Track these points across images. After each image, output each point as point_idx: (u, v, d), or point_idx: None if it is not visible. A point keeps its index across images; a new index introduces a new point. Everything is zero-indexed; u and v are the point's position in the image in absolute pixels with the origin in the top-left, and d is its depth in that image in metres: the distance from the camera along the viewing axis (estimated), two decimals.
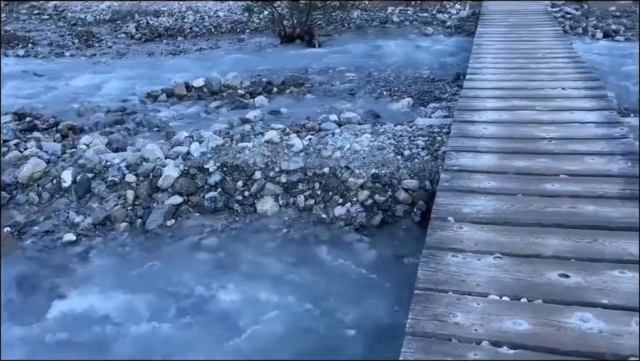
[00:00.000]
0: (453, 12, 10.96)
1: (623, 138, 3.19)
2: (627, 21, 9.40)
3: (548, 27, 7.00)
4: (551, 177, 2.81)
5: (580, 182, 2.73)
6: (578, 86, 4.25)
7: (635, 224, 2.31)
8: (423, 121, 4.66)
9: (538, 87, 4.33)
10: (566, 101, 3.94)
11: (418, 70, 7.65)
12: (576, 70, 4.73)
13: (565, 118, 3.61)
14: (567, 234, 2.29)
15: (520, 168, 2.96)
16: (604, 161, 2.93)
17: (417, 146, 3.94)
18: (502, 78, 4.71)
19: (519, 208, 2.55)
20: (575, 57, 5.27)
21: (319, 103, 6.30)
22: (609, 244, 2.19)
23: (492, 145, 3.29)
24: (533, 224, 2.41)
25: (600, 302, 1.87)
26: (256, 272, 3.02)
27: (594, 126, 3.42)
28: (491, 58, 5.45)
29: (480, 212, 2.54)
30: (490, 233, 2.36)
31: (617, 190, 2.61)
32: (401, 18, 10.92)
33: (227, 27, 11.23)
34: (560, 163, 2.96)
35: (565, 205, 2.53)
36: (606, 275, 2.00)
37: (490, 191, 2.73)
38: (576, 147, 3.14)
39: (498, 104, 4.02)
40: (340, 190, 3.69)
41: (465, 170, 2.98)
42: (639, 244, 2.15)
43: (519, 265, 2.12)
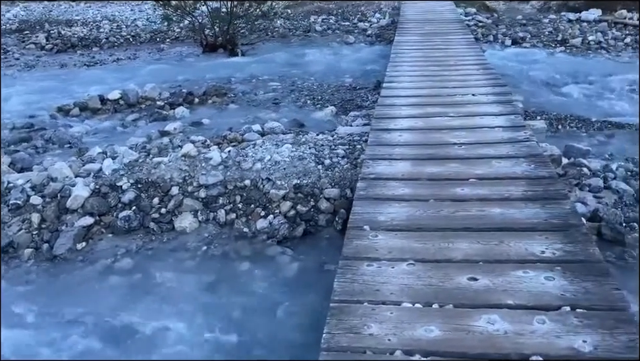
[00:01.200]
0: (374, 20, 11.23)
1: (527, 141, 3.37)
2: (533, 29, 10.04)
3: (461, 36, 7.32)
4: (461, 182, 2.91)
5: (488, 185, 2.84)
6: (487, 92, 4.46)
7: (537, 224, 2.43)
8: (344, 130, 4.71)
9: (451, 94, 4.50)
10: (476, 106, 4.12)
11: (341, 78, 7.76)
12: (485, 77, 4.97)
13: (475, 123, 3.76)
14: (475, 237, 2.37)
15: (432, 174, 3.04)
16: (510, 164, 3.07)
17: (337, 155, 3.96)
18: (417, 85, 4.85)
19: (431, 214, 2.61)
20: (485, 64, 5.54)
21: (242, 113, 6.22)
22: (514, 245, 2.29)
23: (406, 152, 3.36)
24: (444, 229, 2.47)
25: (505, 303, 1.94)
26: (172, 294, 2.89)
27: (501, 131, 3.59)
28: (407, 67, 5.62)
29: (395, 219, 2.58)
30: (404, 240, 2.40)
31: (521, 191, 2.74)
32: (324, 27, 11.04)
33: (146, 36, 10.87)
34: (470, 167, 3.07)
35: (474, 209, 2.62)
36: (511, 275, 2.08)
37: (404, 198, 2.79)
38: (484, 152, 3.27)
39: (413, 111, 4.13)
40: (262, 202, 3.63)
41: (380, 178, 3.02)
42: (542, 243, 2.27)
43: (430, 270, 2.16)
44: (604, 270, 2.07)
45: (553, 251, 2.20)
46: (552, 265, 2.11)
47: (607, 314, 1.82)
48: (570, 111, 6.11)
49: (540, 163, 3.04)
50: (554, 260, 2.15)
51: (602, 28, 9.71)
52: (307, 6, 12.88)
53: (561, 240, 2.27)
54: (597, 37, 9.11)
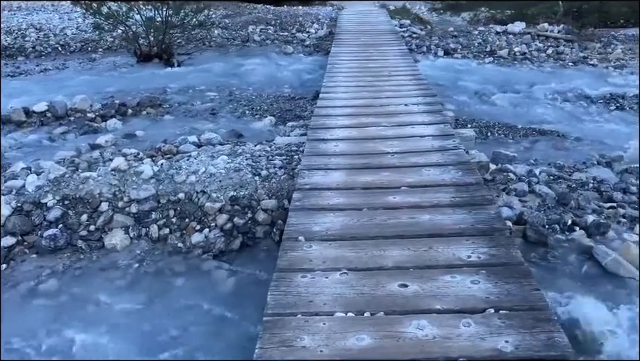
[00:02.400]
0: (312, 31, 11.35)
1: (456, 149, 3.50)
2: (464, 40, 10.48)
3: (396, 47, 7.53)
4: (393, 190, 2.98)
5: (418, 192, 2.92)
6: (419, 102, 4.60)
7: (464, 229, 2.52)
8: (282, 140, 4.71)
9: (385, 104, 4.60)
10: (408, 116, 4.24)
11: (280, 88, 7.77)
12: (417, 87, 5.13)
13: (407, 132, 3.87)
14: (406, 244, 2.43)
15: (366, 183, 3.09)
16: (439, 171, 3.17)
17: (274, 166, 3.95)
18: (353, 95, 4.94)
19: (364, 222, 2.65)
20: (417, 75, 5.72)
21: (178, 124, 6.09)
22: (442, 250, 2.36)
23: (342, 162, 3.40)
24: (376, 237, 2.51)
25: (434, 308, 1.99)
26: (101, 315, 2.76)
27: (431, 139, 3.71)
28: (343, 77, 5.71)
29: (330, 229, 2.60)
30: (338, 249, 2.42)
31: (449, 198, 2.83)
32: (262, 37, 11.03)
33: (76, 46, 10.44)
34: (402, 175, 3.15)
35: (405, 216, 2.68)
36: (440, 280, 2.14)
37: (339, 207, 2.82)
38: (415, 160, 3.37)
39: (348, 121, 4.19)
40: (197, 216, 3.55)
41: (316, 189, 3.04)
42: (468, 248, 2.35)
43: (363, 279, 2.19)
44: (525, 272, 2.17)
45: (479, 255, 2.29)
46: (478, 268, 2.20)
47: (527, 314, 1.91)
48: (498, 118, 6.41)
49: (467, 170, 3.16)
50: (479, 264, 2.23)
51: (527, 40, 10.29)
52: (245, 16, 12.84)
53: (486, 244, 2.37)
54: (522, 49, 9.64)
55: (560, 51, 9.57)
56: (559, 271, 3.09)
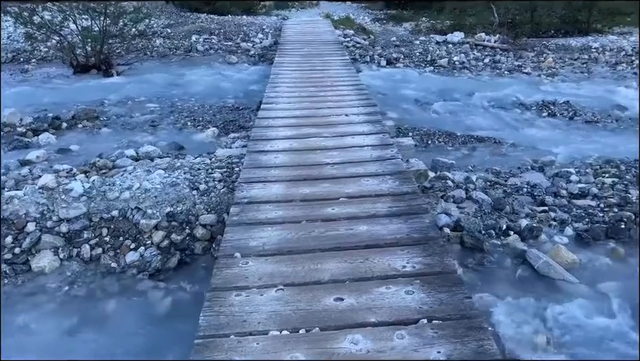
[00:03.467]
0: (257, 41, 11.30)
1: (394, 159, 3.54)
2: (405, 50, 10.73)
3: (338, 57, 7.60)
4: (332, 201, 2.97)
5: (356, 203, 2.93)
6: (359, 112, 4.64)
7: (400, 239, 2.54)
8: (223, 152, 4.63)
9: (326, 114, 4.62)
10: (349, 126, 4.26)
11: (223, 98, 7.67)
12: (358, 97, 5.18)
13: (347, 143, 3.88)
14: (343, 256, 2.42)
15: (306, 195, 3.07)
16: (377, 181, 3.20)
17: (214, 179, 3.87)
18: (295, 106, 4.92)
19: (302, 235, 2.63)
20: (359, 85, 5.78)
21: (116, 138, 5.88)
22: (378, 261, 2.37)
23: (281, 174, 3.37)
24: (314, 250, 2.49)
25: (369, 321, 1.99)
26: (24, 343, 2.59)
27: (371, 149, 3.74)
28: (286, 87, 5.69)
29: (267, 244, 2.55)
30: (275, 265, 2.38)
31: (386, 208, 2.85)
32: (205, 47, 10.87)
33: (7, 56, 9.92)
34: (341, 186, 3.16)
35: (343, 228, 2.68)
36: (374, 293, 2.14)
37: (277, 221, 2.78)
38: (355, 170, 3.38)
39: (289, 132, 4.17)
40: (132, 234, 3.42)
41: (254, 202, 2.99)
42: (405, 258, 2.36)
43: (299, 294, 2.16)
44: (457, 280, 2.21)
45: (413, 265, 2.31)
46: (412, 278, 2.21)
47: (458, 323, 1.93)
48: (439, 126, 6.57)
49: (404, 179, 3.20)
50: (414, 274, 2.25)
51: (465, 50, 10.66)
52: (189, 25, 12.63)
53: (421, 253, 2.40)
54: (461, 58, 9.97)
55: (496, 60, 9.95)
56: (494, 276, 3.17)
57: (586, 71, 9.24)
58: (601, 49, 10.78)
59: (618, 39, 11.70)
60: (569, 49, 10.88)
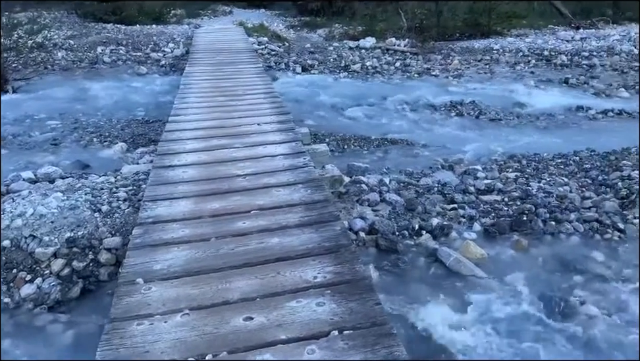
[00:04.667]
0: (168, 50, 10.93)
1: (306, 167, 3.51)
2: (320, 56, 10.83)
3: (251, 65, 7.50)
4: (243, 215, 2.88)
5: (268, 215, 2.86)
6: (271, 120, 4.57)
7: (311, 249, 2.50)
8: (130, 168, 4.39)
9: (237, 124, 4.51)
10: (260, 136, 4.18)
11: (132, 111, 7.34)
12: (271, 105, 5.11)
13: (259, 153, 3.80)
14: (254, 272, 2.34)
15: (215, 210, 2.96)
16: (289, 191, 3.15)
17: (117, 199, 3.64)
18: (205, 117, 4.77)
19: (211, 253, 2.51)
20: (271, 92, 5.72)
21: (12, 159, 5.42)
22: (289, 274, 2.31)
23: (189, 190, 3.23)
24: (222, 269, 2.39)
25: (279, 338, 1.92)
26: None
27: (283, 158, 3.68)
28: (196, 98, 5.51)
29: (172, 266, 2.42)
30: (181, 288, 2.25)
31: (298, 218, 2.80)
32: (113, 58, 10.37)
33: None
34: (252, 198, 3.07)
35: (254, 242, 2.59)
36: (285, 308, 2.08)
37: (184, 240, 2.64)
38: (266, 181, 3.31)
39: (198, 145, 4.02)
40: (28, 265, 3.13)
41: (159, 221, 2.83)
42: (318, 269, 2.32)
43: (206, 317, 2.05)
44: (367, 287, 2.19)
45: (324, 275, 2.27)
46: (323, 289, 2.18)
47: (369, 331, 1.91)
48: (354, 131, 6.66)
49: (316, 188, 3.17)
50: (325, 284, 2.21)
51: (377, 54, 10.94)
52: (93, 36, 11.99)
53: (332, 263, 2.37)
54: (373, 63, 10.21)
55: (406, 64, 10.29)
56: (409, 276, 3.22)
57: (489, 71, 9.78)
58: (501, 50, 11.47)
59: (516, 41, 12.51)
60: (473, 51, 11.48)
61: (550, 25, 14.41)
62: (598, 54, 10.74)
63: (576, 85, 8.72)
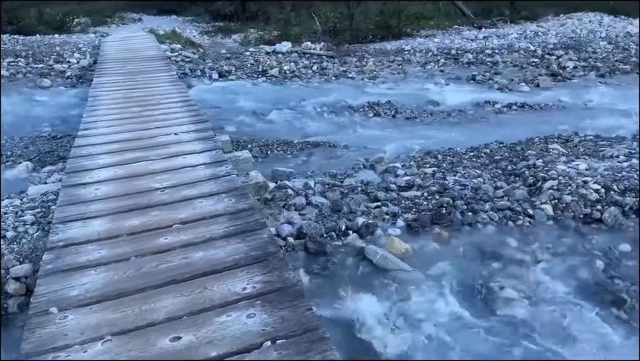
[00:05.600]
0: (74, 61, 10.34)
1: (228, 175, 3.43)
2: (236, 62, 10.70)
3: (165, 73, 7.26)
4: (164, 230, 2.76)
5: (191, 229, 2.76)
6: (189, 130, 4.44)
7: (239, 260, 2.44)
8: (37, 189, 4.08)
9: (153, 135, 4.33)
10: (179, 146, 4.04)
11: (37, 127, 6.87)
12: (188, 114, 4.96)
13: (178, 164, 3.67)
14: (179, 290, 2.24)
15: (134, 227, 2.81)
16: (212, 202, 3.06)
17: (24, 223, 3.37)
18: (117, 129, 4.54)
19: (131, 274, 2.38)
20: (188, 101, 5.56)
21: None
22: (217, 288, 2.24)
23: (104, 208, 3.05)
24: (146, 289, 2.27)
25: (210, 355, 1.85)
26: None
27: (203, 168, 3.58)
28: (106, 110, 5.24)
29: (89, 291, 2.26)
30: (100, 314, 2.11)
31: (223, 229, 2.73)
32: (11, 71, 9.63)
33: None
34: (173, 212, 2.95)
35: (178, 258, 2.49)
36: (215, 323, 2.01)
37: (101, 262, 2.48)
38: (188, 193, 3.19)
39: (112, 159, 3.82)
40: None
41: (73, 244, 2.64)
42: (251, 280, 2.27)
43: (130, 342, 1.93)
44: (298, 293, 2.17)
45: (254, 286, 2.23)
46: (253, 300, 2.13)
47: (301, 338, 1.89)
48: (276, 136, 6.64)
49: (240, 196, 3.11)
50: (255, 295, 2.17)
51: (294, 58, 10.99)
52: None
53: (261, 272, 2.32)
54: (291, 67, 10.25)
55: (323, 67, 10.43)
56: (339, 277, 3.25)
57: (402, 72, 10.14)
58: (412, 50, 11.95)
59: (425, 41, 13.09)
60: (386, 53, 11.86)
61: (455, 25, 15.24)
62: (499, 51, 11.49)
63: (482, 81, 9.27)
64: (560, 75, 9.43)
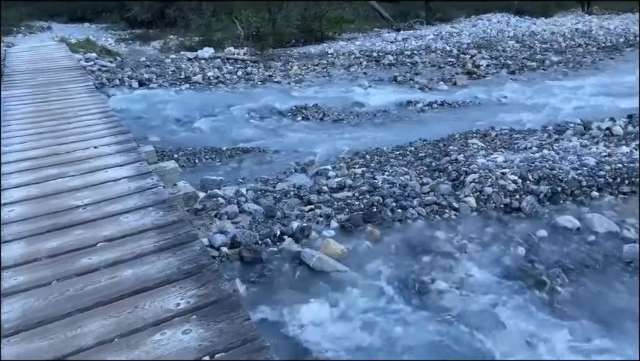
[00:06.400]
0: None
1: (154, 188, 3.30)
2: (157, 69, 10.38)
3: (81, 84, 6.88)
4: (88, 249, 2.61)
5: (118, 246, 2.63)
6: (110, 142, 4.23)
7: (171, 275, 2.36)
8: None
9: (70, 150, 4.09)
10: (99, 160, 3.84)
11: None
12: (108, 126, 4.73)
13: (99, 178, 3.49)
14: (108, 311, 2.12)
15: (54, 249, 2.63)
16: (139, 216, 2.93)
17: None
18: (31, 145, 4.24)
19: (54, 299, 2.23)
20: (107, 111, 5.30)
21: None
22: (149, 306, 2.14)
23: (19, 230, 2.83)
24: (72, 313, 2.13)
25: None
26: None
27: (128, 181, 3.43)
28: (17, 125, 4.88)
29: (7, 321, 2.09)
30: (21, 345, 1.95)
31: (152, 244, 2.62)
32: None
33: None
34: (97, 230, 2.80)
35: (105, 278, 2.36)
36: (148, 343, 1.92)
37: (20, 289, 2.30)
38: (112, 208, 3.04)
39: (26, 178, 3.56)
40: None
41: None
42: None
43: None
44: (235, 304, 2.13)
45: (188, 301, 2.16)
46: (188, 315, 2.06)
47: (241, 350, 1.85)
48: (204, 143, 6.52)
49: (168, 208, 3.01)
50: (190, 310, 2.10)
51: (218, 64, 10.83)
52: None
53: (195, 285, 2.25)
54: (215, 73, 10.09)
55: (248, 72, 10.35)
56: (276, 283, 3.23)
57: (327, 75, 10.28)
58: (335, 54, 12.14)
59: (347, 44, 13.36)
60: (310, 56, 11.98)
61: (375, 28, 15.67)
62: (418, 52, 11.95)
63: (403, 82, 9.59)
64: (475, 73, 9.95)
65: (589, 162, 4.65)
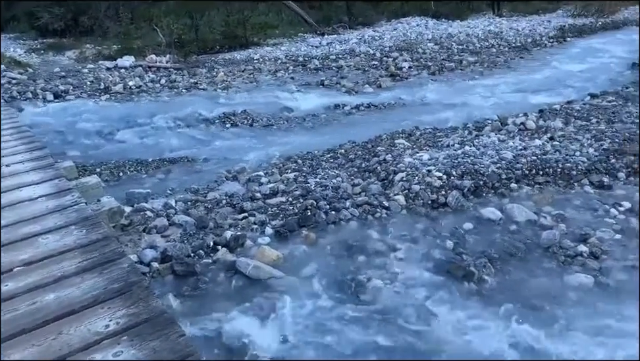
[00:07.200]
0: None
1: (76, 205, 3.12)
2: (74, 80, 9.86)
3: None
4: (4, 275, 2.41)
5: (37, 269, 2.45)
6: (24, 159, 3.96)
7: (97, 296, 2.24)
8: None
9: None
10: (12, 179, 3.58)
11: None
12: (20, 142, 4.42)
13: (13, 199, 3.25)
14: (30, 340, 1.97)
15: None
16: (59, 236, 2.76)
17: None
18: None
19: None
20: (19, 127, 4.96)
21: None
22: (75, 331, 2.02)
23: None
24: None
25: None
26: None
27: (45, 200, 3.22)
28: None
29: None
30: None
31: (75, 265, 2.47)
32: None
33: None
34: (14, 254, 2.60)
35: (25, 304, 2.20)
36: None
37: None
38: (29, 230, 2.84)
39: None
40: None
41: None
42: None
43: None
44: (168, 320, 2.05)
45: (117, 321, 2.05)
46: (119, 337, 1.96)
47: None
48: (128, 155, 6.26)
49: (92, 226, 2.85)
50: (120, 331, 2.00)
51: (139, 73, 10.45)
52: None
53: (124, 305, 2.15)
54: (137, 82, 9.73)
55: (172, 80, 10.07)
56: (212, 295, 3.16)
57: (254, 80, 10.21)
58: (261, 59, 12.10)
59: (273, 50, 13.35)
60: (236, 62, 11.85)
61: (300, 33, 15.78)
62: (343, 56, 12.16)
63: (330, 85, 9.72)
64: (398, 75, 10.27)
65: (507, 156, 4.93)
